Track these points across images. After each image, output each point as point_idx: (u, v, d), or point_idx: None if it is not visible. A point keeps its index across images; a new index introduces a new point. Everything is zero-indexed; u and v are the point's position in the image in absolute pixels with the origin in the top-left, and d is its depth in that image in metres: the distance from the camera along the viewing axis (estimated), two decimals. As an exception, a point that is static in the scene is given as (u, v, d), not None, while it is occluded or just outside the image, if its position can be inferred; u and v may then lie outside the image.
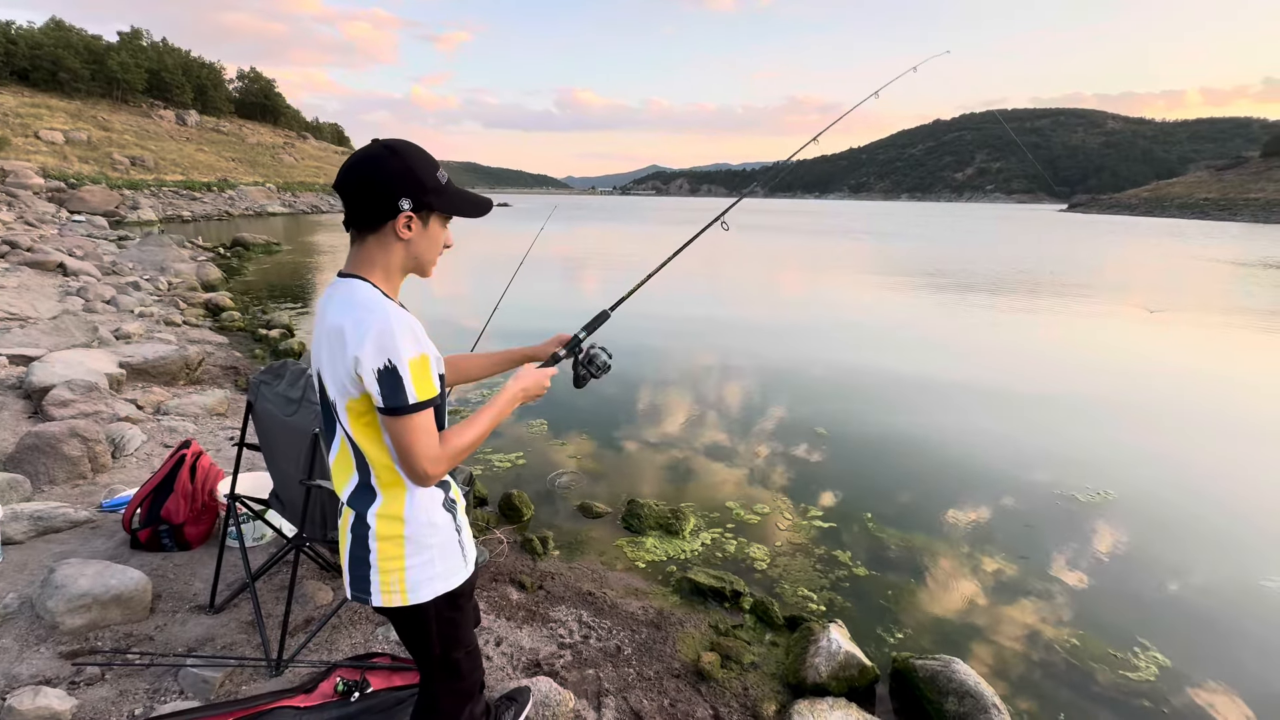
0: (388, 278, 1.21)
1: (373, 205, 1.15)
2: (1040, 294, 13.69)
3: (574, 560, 3.19)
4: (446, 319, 9.52)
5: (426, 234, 1.22)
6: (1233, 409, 6.17)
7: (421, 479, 1.16)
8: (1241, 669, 2.63)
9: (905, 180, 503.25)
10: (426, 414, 1.14)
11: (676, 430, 5.16)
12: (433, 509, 1.26)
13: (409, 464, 1.14)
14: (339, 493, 1.27)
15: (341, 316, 1.13)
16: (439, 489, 1.29)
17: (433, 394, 1.15)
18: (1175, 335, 9.62)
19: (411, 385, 1.11)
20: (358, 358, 1.10)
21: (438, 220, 1.23)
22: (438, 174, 1.19)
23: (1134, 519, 3.85)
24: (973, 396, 6.31)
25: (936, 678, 2.26)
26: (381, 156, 1.15)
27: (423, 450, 1.13)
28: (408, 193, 1.15)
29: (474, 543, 1.41)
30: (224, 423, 4.51)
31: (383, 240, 1.19)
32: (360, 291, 1.16)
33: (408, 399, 1.10)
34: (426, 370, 1.15)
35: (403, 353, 1.10)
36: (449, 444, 1.17)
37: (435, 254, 1.26)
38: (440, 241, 1.26)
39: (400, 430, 1.12)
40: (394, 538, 1.23)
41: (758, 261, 20.67)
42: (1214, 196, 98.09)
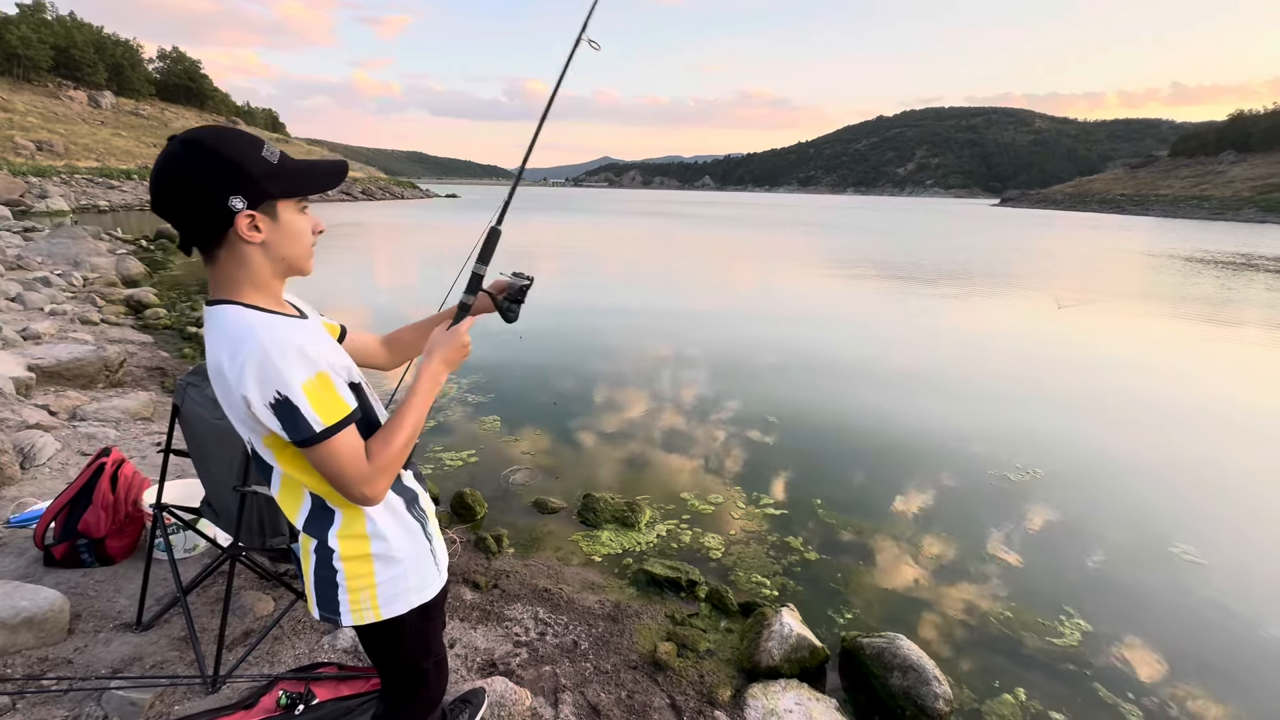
0: (260, 290, 1.04)
1: (201, 218, 0.96)
2: (971, 286, 14.38)
3: (529, 557, 3.16)
4: (393, 316, 9.23)
5: (281, 228, 1.02)
6: (1140, 390, 6.66)
7: (363, 502, 1.06)
8: (1152, 628, 2.85)
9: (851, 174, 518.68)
10: (343, 436, 1.00)
11: (631, 423, 5.17)
12: (399, 522, 1.18)
13: (341, 490, 1.04)
14: (293, 521, 1.15)
15: (217, 353, 0.99)
16: (400, 499, 1.20)
17: (344, 412, 1.01)
18: (1087, 325, 10.29)
19: (312, 412, 0.97)
20: (245, 397, 0.96)
21: (289, 207, 1.03)
22: (264, 153, 0.99)
23: (1058, 495, 4.11)
24: (911, 383, 6.58)
25: (882, 654, 2.36)
26: (185, 156, 0.94)
27: (351, 474, 1.01)
28: (235, 188, 0.95)
29: (445, 550, 1.34)
30: (149, 428, 4.23)
31: (233, 252, 1.00)
32: (227, 319, 0.99)
33: (313, 428, 0.97)
34: (329, 388, 1.00)
35: (291, 380, 0.95)
36: (378, 457, 1.04)
37: (304, 247, 1.07)
38: (305, 230, 1.06)
39: (319, 461, 1.00)
40: (360, 557, 1.14)
41: (708, 254, 20.90)
42: (1129, 192, 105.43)
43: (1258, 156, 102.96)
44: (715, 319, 9.76)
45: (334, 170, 1.09)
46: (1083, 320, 10.42)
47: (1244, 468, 4.81)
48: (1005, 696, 2.40)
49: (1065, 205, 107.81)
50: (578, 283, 13.19)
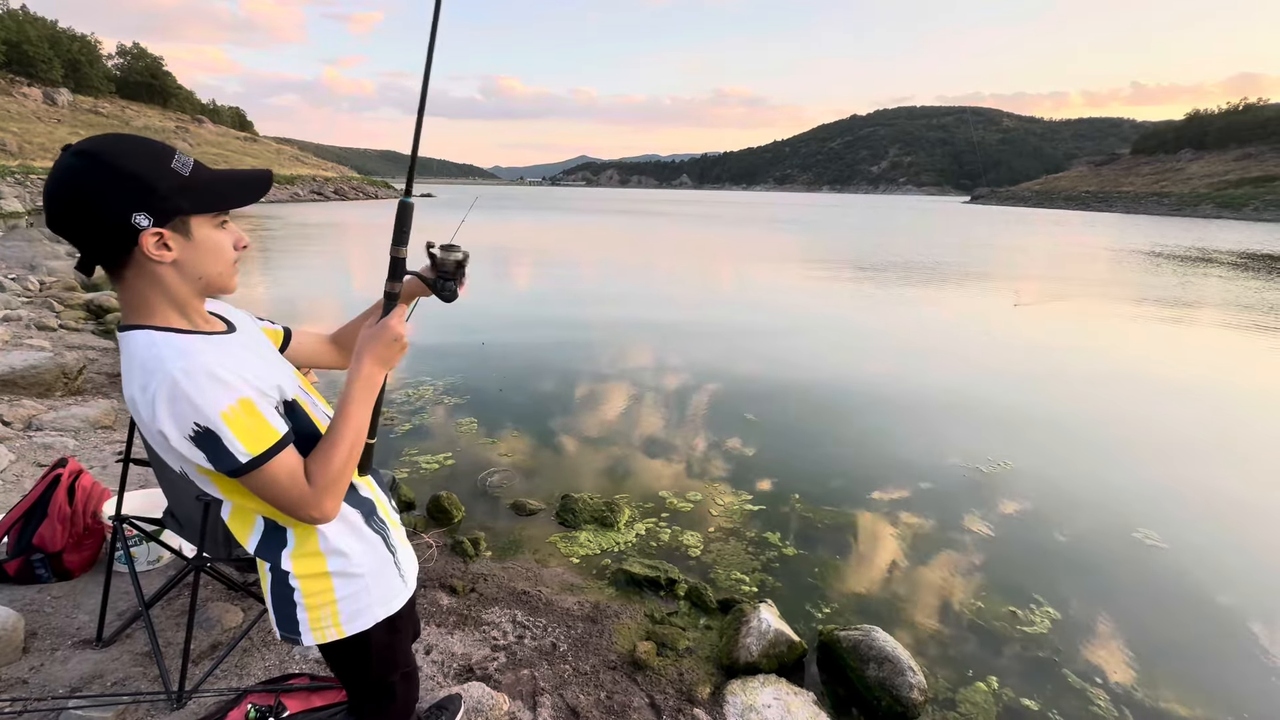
0: (179, 310, 0.95)
1: (100, 237, 0.87)
2: (943, 282, 14.66)
3: (507, 560, 3.13)
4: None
5: (195, 246, 0.93)
6: (1103, 381, 6.85)
7: (316, 522, 1.01)
8: (1117, 612, 2.93)
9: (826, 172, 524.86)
10: (275, 463, 0.93)
11: (610, 423, 5.16)
12: (357, 535, 1.13)
13: (291, 515, 0.99)
14: (245, 546, 1.10)
15: (129, 387, 0.92)
16: (357, 511, 1.15)
17: (272, 439, 0.93)
18: (1052, 320, 10.57)
19: (236, 442, 0.90)
20: (161, 432, 0.89)
21: (204, 223, 0.93)
22: (173, 164, 0.89)
23: (1028, 485, 4.21)
24: (885, 378, 6.68)
25: (858, 646, 2.39)
26: (79, 169, 0.84)
27: (293, 499, 0.96)
28: (138, 205, 0.86)
29: (414, 560, 1.30)
30: (110, 436, 4.09)
31: (142, 272, 0.91)
32: (137, 347, 0.91)
33: (238, 459, 0.91)
34: (253, 414, 0.92)
35: (208, 409, 0.88)
36: (318, 478, 0.98)
37: (224, 264, 0.97)
38: (224, 247, 0.97)
39: (256, 489, 0.95)
40: (317, 575, 1.09)
41: (686, 253, 20.97)
42: (1094, 189, 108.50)
43: (1213, 154, 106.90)
44: (693, 318, 9.78)
45: (255, 180, 0.99)
46: (1048, 316, 10.70)
47: (1201, 452, 4.98)
48: (978, 685, 2.45)
49: (1033, 202, 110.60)
50: (553, 283, 13.12)
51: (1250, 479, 4.59)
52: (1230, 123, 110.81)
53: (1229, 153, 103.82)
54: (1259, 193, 77.14)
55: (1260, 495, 4.32)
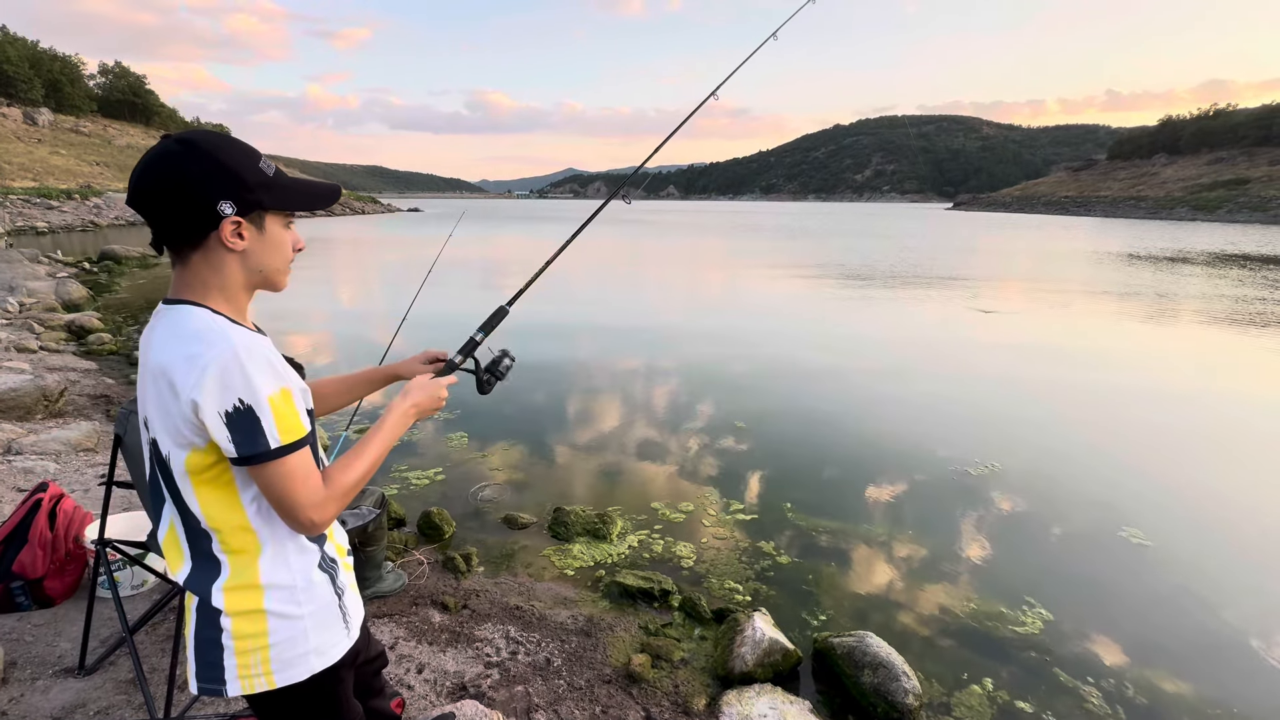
0: (229, 299, 1.01)
1: (184, 216, 0.94)
2: (929, 288, 14.83)
3: (500, 575, 3.10)
4: (350, 333, 9.02)
5: (265, 240, 1.01)
6: (1087, 382, 6.95)
7: (307, 528, 0.99)
8: (1106, 611, 2.96)
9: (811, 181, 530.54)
10: (298, 456, 0.97)
11: (600, 434, 5.15)
12: (302, 571, 1.06)
13: (289, 515, 0.98)
14: (173, 575, 1.04)
15: (169, 352, 0.93)
16: (313, 545, 1.09)
17: (302, 433, 0.98)
18: (1035, 322, 10.72)
19: (274, 427, 0.94)
20: (195, 402, 0.90)
21: (275, 220, 1.02)
22: (260, 165, 0.99)
23: (1015, 486, 4.25)
24: (873, 384, 6.74)
25: (853, 653, 2.39)
26: (179, 154, 0.93)
27: (304, 498, 0.96)
28: (227, 194, 0.94)
29: (360, 605, 1.20)
30: (93, 459, 4.03)
31: (210, 256, 0.98)
32: (193, 319, 0.95)
33: (269, 444, 0.93)
34: (291, 406, 0.98)
35: (259, 389, 0.93)
36: (335, 483, 1.00)
37: (283, 261, 1.06)
38: (286, 245, 1.06)
39: (270, 480, 0.95)
40: (251, 612, 1.01)
41: (675, 262, 21.07)
42: (1073, 194, 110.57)
43: (1186, 159, 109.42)
44: (682, 327, 9.82)
45: (328, 192, 1.10)
46: (1029, 318, 10.85)
47: (1183, 449, 5.06)
48: (973, 688, 2.46)
49: (1014, 208, 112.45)
50: (542, 294, 13.13)
51: (1231, 474, 4.66)
52: (1202, 128, 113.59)
53: (1201, 157, 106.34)
54: (1231, 195, 79.04)
55: (1242, 490, 4.38)
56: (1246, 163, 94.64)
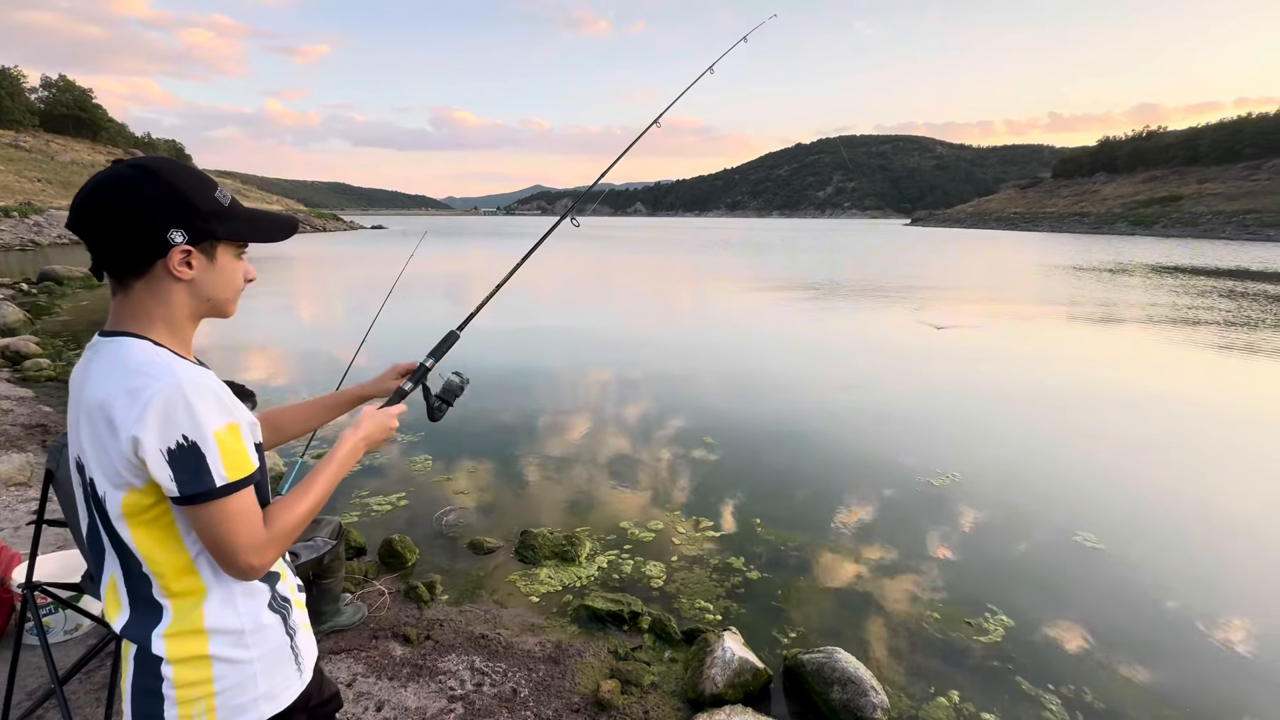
0: (173, 331, 0.97)
1: (131, 242, 0.91)
2: (889, 303, 15.26)
3: (464, 603, 3.02)
4: (310, 354, 8.76)
5: (214, 270, 0.98)
6: (1036, 390, 7.22)
7: (245, 573, 0.93)
8: (1064, 616, 3.04)
9: (775, 198, 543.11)
10: (243, 495, 0.92)
11: (568, 454, 5.10)
12: (251, 614, 1.00)
13: (226, 559, 0.92)
14: (111, 623, 0.98)
15: (108, 387, 0.89)
16: (263, 585, 1.03)
17: (250, 469, 0.94)
18: (986, 335, 11.12)
19: (221, 463, 0.90)
20: (136, 439, 0.86)
21: (227, 251, 1.00)
22: (216, 194, 0.97)
23: (976, 495, 4.36)
24: (837, 398, 6.86)
25: (822, 669, 2.39)
26: (133, 179, 0.91)
27: (244, 540, 0.91)
28: (179, 222, 0.92)
29: (314, 645, 1.15)
30: (24, 494, 3.78)
31: (154, 285, 0.94)
32: (134, 352, 0.91)
33: (214, 481, 0.89)
34: (239, 441, 0.94)
35: (205, 425, 0.89)
36: (277, 523, 0.95)
37: (232, 292, 1.03)
38: (237, 276, 1.03)
39: (209, 521, 0.90)
40: (195, 659, 0.95)
41: (641, 278, 21.19)
42: (1021, 210, 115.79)
43: (1124, 177, 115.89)
44: (649, 342, 9.84)
45: (284, 224, 1.08)
46: (987, 330, 11.25)
47: (1130, 453, 5.27)
48: (939, 700, 2.48)
49: (968, 223, 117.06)
50: (509, 312, 13.02)
51: (1175, 473, 4.88)
52: (1136, 148, 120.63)
53: (1137, 175, 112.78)
54: (1166, 211, 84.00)
55: (1187, 488, 4.59)
56: (1178, 180, 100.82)
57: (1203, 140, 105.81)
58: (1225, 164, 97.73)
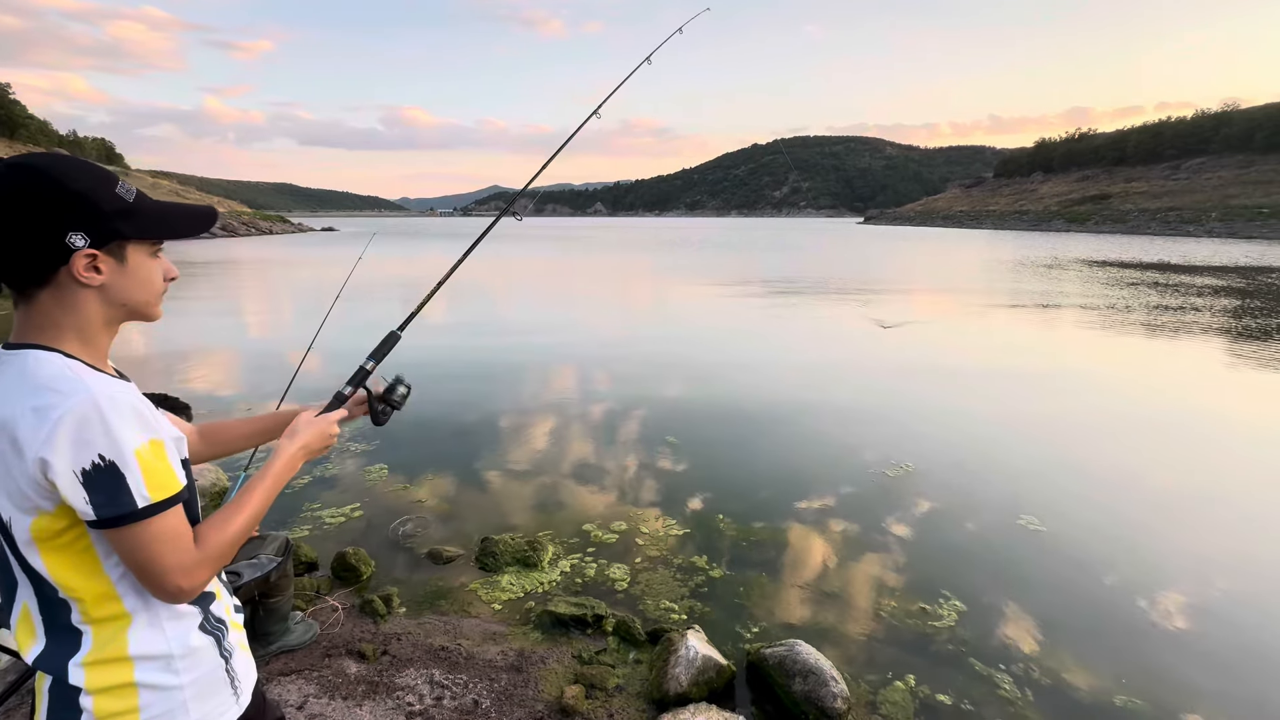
0: (86, 341, 0.90)
1: (25, 253, 0.83)
2: (845, 297, 15.66)
3: (423, 615, 2.93)
4: (256, 360, 8.40)
5: (127, 272, 0.91)
6: (979, 381, 7.54)
7: (174, 596, 0.88)
8: (1011, 597, 3.17)
9: (733, 198, 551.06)
10: (169, 515, 0.86)
11: (529, 457, 5.03)
12: (180, 637, 0.93)
13: (153, 583, 0.86)
14: (23, 655, 0.90)
15: (12, 405, 0.82)
16: (193, 607, 0.97)
17: (175, 488, 0.88)
18: (933, 331, 11.54)
19: (142, 483, 0.84)
20: (45, 460, 0.79)
21: (140, 250, 0.92)
22: (118, 190, 0.89)
23: (928, 484, 4.51)
24: (794, 394, 6.99)
25: (784, 662, 2.42)
26: (19, 182, 0.82)
27: (172, 561, 0.85)
28: (78, 224, 0.84)
29: (253, 667, 1.09)
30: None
31: (61, 294, 0.87)
32: (43, 366, 0.84)
33: (135, 503, 0.83)
34: (162, 459, 0.88)
35: (123, 443, 0.83)
36: (209, 542, 0.90)
37: (151, 294, 0.95)
38: (155, 276, 0.95)
39: (133, 545, 0.84)
40: (118, 688, 0.88)
41: (599, 278, 21.14)
42: (966, 209, 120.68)
43: (1059, 176, 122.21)
44: (608, 343, 9.82)
45: (199, 215, 1.00)
46: (936, 324, 11.66)
47: (1067, 437, 5.54)
48: (897, 684, 2.55)
49: (917, 221, 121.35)
50: (466, 314, 12.79)
51: (1112, 455, 5.15)
52: (1070, 149, 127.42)
53: (1071, 175, 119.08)
54: (1097, 209, 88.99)
55: (1121, 470, 4.85)
56: (1107, 180, 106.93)
57: (1129, 142, 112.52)
58: (1149, 164, 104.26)
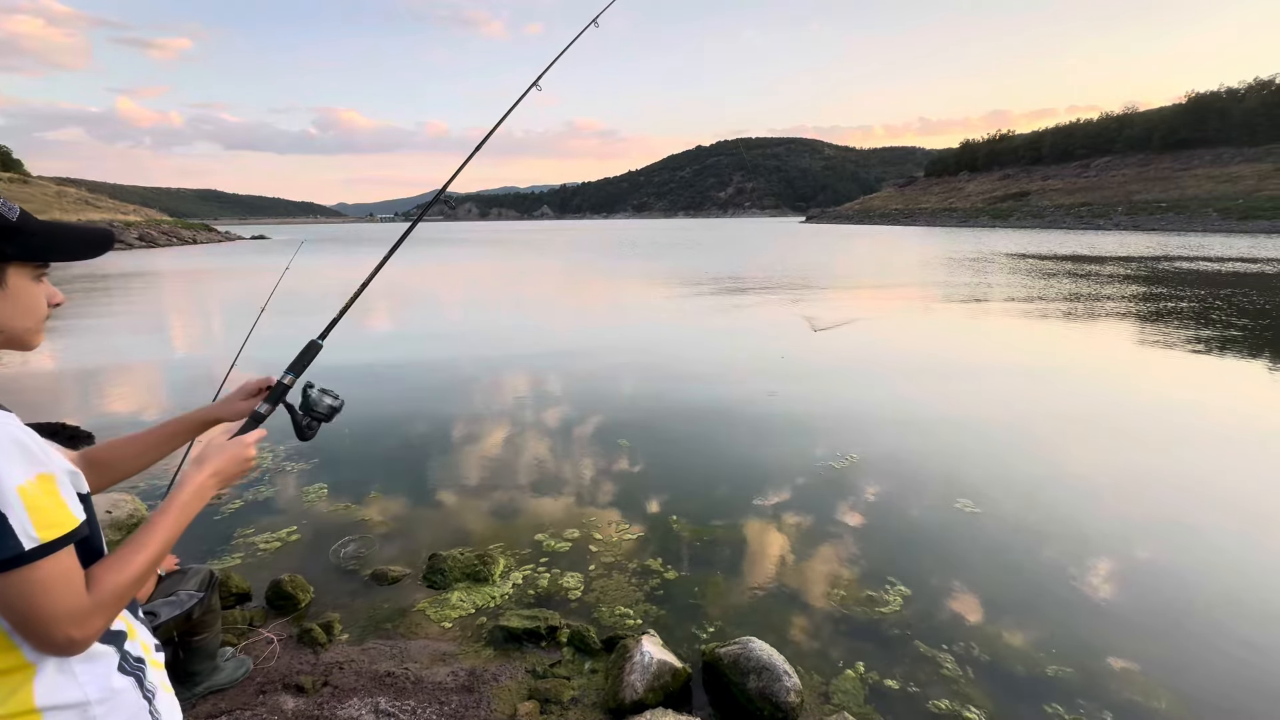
0: None
1: None
2: (783, 295, 16.07)
3: (367, 640, 2.80)
4: (179, 378, 7.87)
5: (6, 296, 0.85)
6: (915, 372, 7.89)
7: (63, 648, 0.80)
8: (951, 578, 3.31)
9: (680, 199, 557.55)
10: (59, 558, 0.78)
11: (476, 468, 4.91)
12: (96, 681, 0.86)
13: (37, 634, 0.78)
14: None
15: None
16: (107, 646, 0.90)
17: (69, 526, 0.80)
18: (878, 325, 12.00)
19: (28, 523, 0.76)
20: None
21: (21, 274, 0.87)
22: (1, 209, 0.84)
23: (872, 474, 4.66)
24: (741, 391, 7.11)
25: (738, 660, 2.44)
26: None
27: (60, 609, 0.77)
28: None
29: (177, 708, 1.02)
30: None
31: None
32: None
33: (20, 545, 0.75)
34: (53, 494, 0.80)
35: (3, 480, 0.75)
36: (104, 585, 0.82)
37: (33, 320, 0.90)
38: (38, 302, 0.90)
39: (14, 591, 0.76)
40: None
41: (544, 282, 20.95)
42: (901, 207, 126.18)
43: (983, 175, 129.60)
44: (555, 347, 9.72)
45: (93, 236, 0.94)
46: (876, 321, 12.12)
47: (996, 421, 5.86)
48: (847, 673, 2.61)
49: (855, 219, 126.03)
50: (406, 324, 12.39)
51: (1036, 438, 5.47)
52: (993, 149, 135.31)
53: (994, 174, 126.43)
54: (1018, 205, 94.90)
55: (1047, 451, 5.15)
56: (1026, 178, 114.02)
57: (1044, 143, 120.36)
58: (1062, 163, 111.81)
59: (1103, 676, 2.62)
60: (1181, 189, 76.99)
